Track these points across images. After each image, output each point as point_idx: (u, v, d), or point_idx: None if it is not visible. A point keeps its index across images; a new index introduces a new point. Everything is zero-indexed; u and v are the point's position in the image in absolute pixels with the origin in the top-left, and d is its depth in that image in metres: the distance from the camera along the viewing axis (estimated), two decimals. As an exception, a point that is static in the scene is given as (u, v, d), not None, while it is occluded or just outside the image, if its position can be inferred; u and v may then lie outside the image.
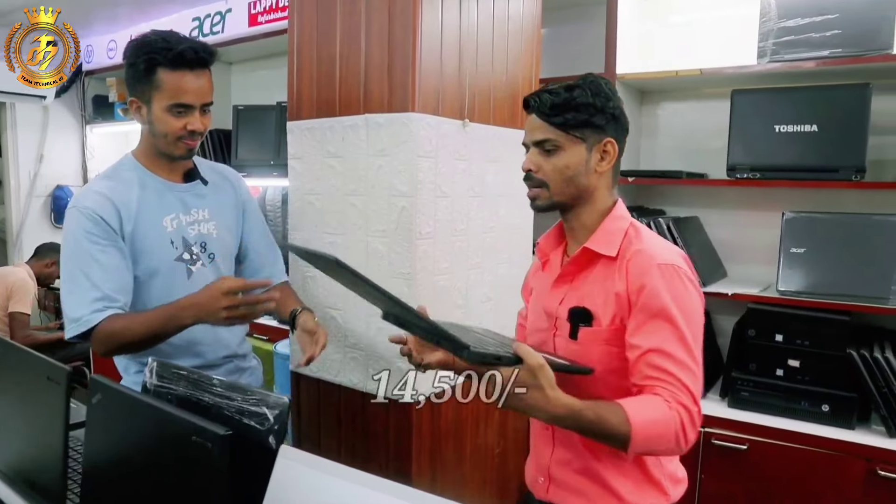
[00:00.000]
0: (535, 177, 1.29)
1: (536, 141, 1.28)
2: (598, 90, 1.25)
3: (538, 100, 1.26)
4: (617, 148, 1.28)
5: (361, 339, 1.92)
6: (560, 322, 1.32)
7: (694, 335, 1.19)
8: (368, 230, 1.86)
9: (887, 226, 2.18)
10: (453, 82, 1.90)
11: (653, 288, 1.18)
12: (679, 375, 1.15)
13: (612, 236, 1.28)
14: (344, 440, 2.01)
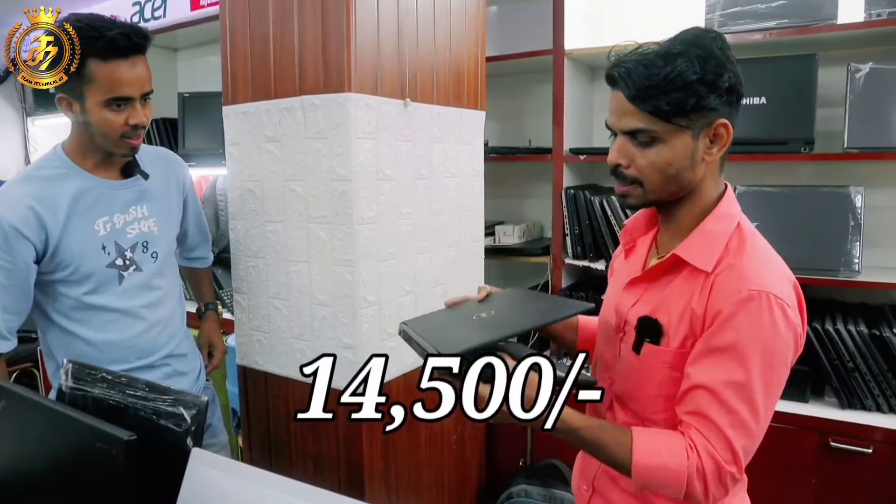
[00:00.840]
0: (626, 173, 1.04)
1: (627, 130, 1.02)
2: (708, 57, 0.97)
3: (626, 75, 0.98)
4: (731, 129, 1.03)
5: (306, 329, 1.86)
6: (628, 327, 1.12)
7: (766, 383, 0.98)
8: (309, 216, 1.80)
9: (836, 197, 2.17)
10: (392, 61, 1.83)
11: (731, 318, 0.97)
12: (722, 425, 0.97)
13: (711, 243, 1.04)
14: (293, 432, 1.96)
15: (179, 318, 1.76)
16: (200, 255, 2.02)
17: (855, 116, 2.08)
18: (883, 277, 2.14)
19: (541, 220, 2.96)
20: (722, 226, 1.07)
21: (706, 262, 1.04)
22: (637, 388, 1.11)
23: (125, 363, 1.58)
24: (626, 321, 1.14)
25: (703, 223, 1.07)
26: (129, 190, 1.59)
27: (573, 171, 2.61)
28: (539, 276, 2.65)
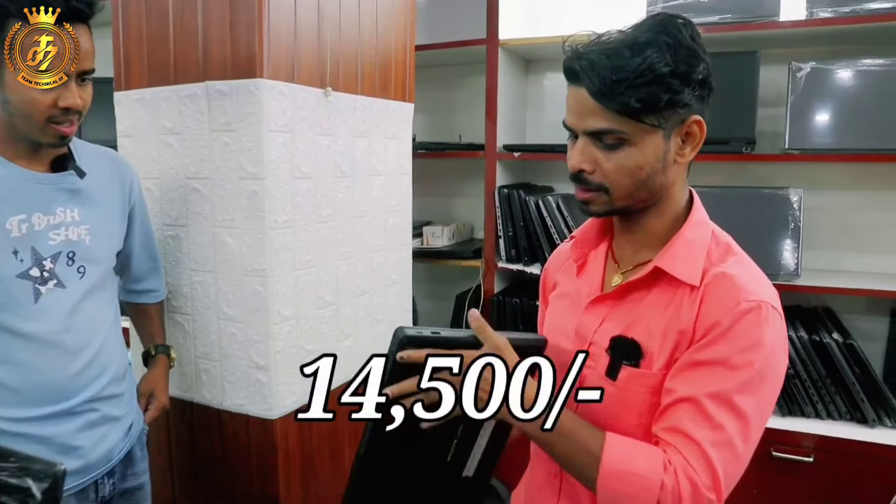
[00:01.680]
0: (591, 179, 0.92)
1: (590, 131, 0.90)
2: (679, 46, 0.85)
3: (589, 68, 0.85)
4: (705, 126, 0.92)
5: (212, 348, 1.63)
6: (595, 350, 0.99)
7: (759, 400, 0.87)
8: (215, 220, 1.57)
9: (776, 199, 2.12)
10: (311, 46, 1.63)
11: (728, 330, 0.86)
12: (705, 444, 0.84)
13: (693, 253, 0.93)
14: (199, 463, 1.73)
15: (114, 352, 1.40)
16: (149, 286, 1.60)
17: (796, 117, 2.03)
18: (821, 281, 2.10)
19: (472, 220, 2.81)
20: (700, 233, 0.96)
21: (692, 275, 0.92)
22: (612, 420, 0.95)
23: (34, 407, 1.24)
24: (591, 343, 1.00)
25: (682, 232, 0.96)
26: (56, 187, 1.27)
27: (506, 168, 2.47)
28: (470, 281, 2.50)
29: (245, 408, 1.62)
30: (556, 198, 2.25)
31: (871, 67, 1.98)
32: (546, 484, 1.08)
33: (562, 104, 0.95)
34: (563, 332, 1.05)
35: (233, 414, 1.64)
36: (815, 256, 2.26)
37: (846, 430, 1.94)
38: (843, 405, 1.97)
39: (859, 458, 1.88)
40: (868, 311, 2.30)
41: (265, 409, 1.59)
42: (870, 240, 2.27)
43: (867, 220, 2.26)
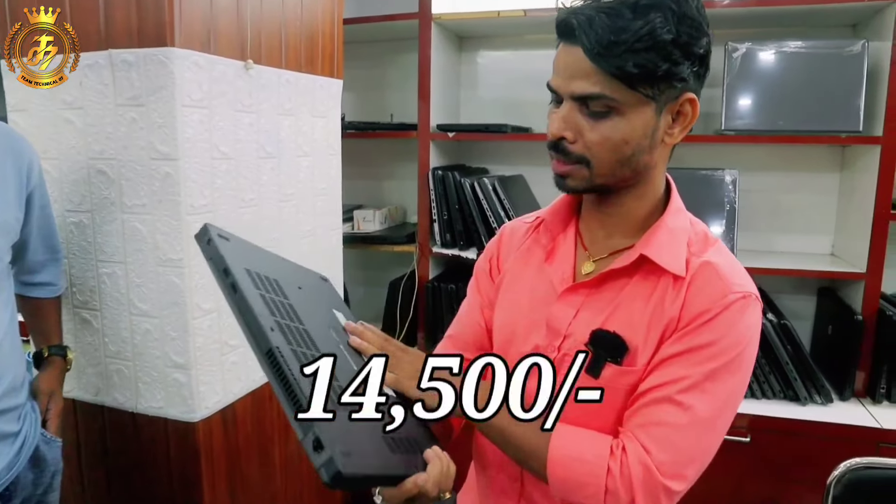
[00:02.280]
0: (571, 149, 0.84)
1: (579, 95, 0.81)
2: (684, 15, 0.78)
3: (587, 24, 0.77)
4: (698, 107, 0.85)
5: (125, 346, 1.48)
6: (570, 343, 0.92)
7: (733, 390, 0.85)
8: (123, 205, 1.42)
9: (712, 181, 2.11)
10: (229, 13, 1.49)
11: (712, 321, 0.83)
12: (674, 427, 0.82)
13: (677, 242, 0.88)
14: (113, 473, 1.58)
15: (9, 360, 1.22)
16: (46, 279, 1.42)
17: (732, 98, 2.02)
18: (755, 262, 2.11)
19: (405, 204, 2.70)
20: (680, 221, 0.91)
21: (678, 265, 0.87)
22: (593, 419, 0.89)
23: None
24: (565, 337, 0.92)
25: (664, 219, 0.90)
26: None
27: (441, 149, 2.38)
28: (404, 266, 2.41)
29: (163, 410, 1.48)
30: (493, 180, 2.17)
31: (804, 49, 1.98)
32: (508, 488, 1.01)
33: (496, 83, 0.88)
34: (531, 326, 0.97)
35: (150, 417, 1.50)
36: (749, 237, 2.28)
37: (780, 408, 1.95)
38: (778, 384, 1.99)
39: (792, 436, 1.90)
40: (796, 291, 2.34)
41: (185, 411, 1.46)
42: (799, 220, 2.30)
43: (797, 202, 2.29)
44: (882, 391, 1.98)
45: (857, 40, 1.94)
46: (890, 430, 1.84)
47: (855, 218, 2.07)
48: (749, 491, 1.95)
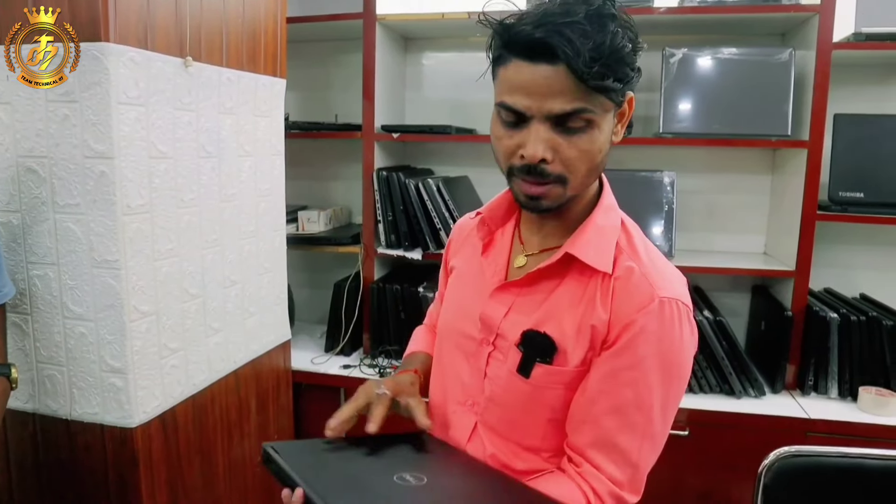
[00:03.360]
0: (551, 170, 0.82)
1: (560, 114, 0.80)
2: (625, 21, 0.81)
3: (568, 44, 0.75)
4: (634, 103, 0.88)
5: (58, 351, 1.43)
6: (502, 342, 0.93)
7: (673, 398, 0.87)
8: (56, 205, 1.37)
9: (651, 182, 2.16)
10: (167, 9, 1.45)
11: (643, 332, 0.84)
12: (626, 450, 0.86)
13: (605, 241, 0.89)
14: (46, 483, 1.52)
15: None
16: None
17: (669, 102, 2.07)
18: (692, 261, 2.18)
19: (350, 204, 2.68)
20: (611, 219, 0.92)
21: (605, 263, 0.88)
22: (524, 415, 0.92)
23: None
24: (497, 335, 0.94)
25: (593, 216, 0.91)
26: None
27: (385, 150, 2.37)
28: (350, 268, 2.39)
29: (99, 416, 1.44)
30: (437, 181, 2.18)
31: (737, 56, 2.05)
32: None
33: (441, 85, 0.88)
34: (466, 316, 0.99)
35: (85, 424, 1.45)
36: (687, 237, 2.34)
37: (716, 402, 2.02)
38: (714, 379, 2.06)
39: (728, 429, 1.97)
40: (732, 289, 2.42)
41: (122, 416, 1.42)
42: (734, 221, 2.38)
43: (731, 202, 2.38)
44: (810, 383, 2.06)
45: (784, 48, 2.03)
46: (817, 420, 1.92)
47: (785, 218, 2.16)
48: (688, 483, 2.01)
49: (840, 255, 2.31)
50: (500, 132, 0.86)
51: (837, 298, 2.20)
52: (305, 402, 2.26)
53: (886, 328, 1.97)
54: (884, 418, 1.91)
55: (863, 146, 2.05)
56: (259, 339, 1.91)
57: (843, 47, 1.95)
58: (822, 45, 1.93)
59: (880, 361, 2.00)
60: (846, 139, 2.05)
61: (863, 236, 2.28)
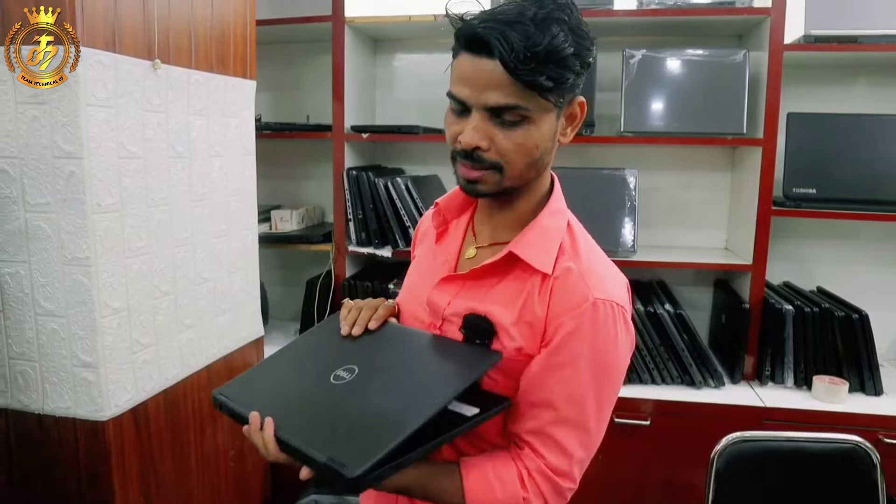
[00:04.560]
0: (486, 157, 0.87)
1: (494, 107, 0.85)
2: (577, 27, 0.84)
3: (503, 40, 0.80)
4: (585, 107, 0.93)
5: (29, 347, 1.47)
6: (448, 326, 0.98)
7: (608, 396, 0.93)
8: (26, 204, 1.40)
9: (614, 180, 2.23)
10: (135, 11, 1.49)
11: (576, 331, 0.88)
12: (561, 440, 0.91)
13: (548, 242, 0.93)
14: (18, 477, 1.55)
15: None
16: None
17: (630, 101, 2.14)
18: (654, 256, 2.25)
19: (322, 203, 2.73)
20: (556, 221, 0.96)
21: (545, 264, 0.92)
22: None
23: None
24: (444, 319, 0.99)
25: (539, 218, 0.96)
26: None
27: (355, 150, 2.42)
28: (321, 265, 2.44)
29: (71, 410, 1.47)
30: (406, 179, 2.24)
31: (693, 57, 2.13)
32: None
33: (412, 85, 0.92)
34: (417, 300, 1.05)
35: (57, 418, 1.48)
36: (649, 233, 2.42)
37: (677, 393, 2.09)
38: (675, 370, 2.13)
39: (687, 418, 2.04)
40: (696, 283, 2.50)
41: (94, 410, 1.46)
42: (695, 217, 2.46)
43: (693, 199, 2.45)
44: (767, 373, 2.14)
45: (739, 50, 2.10)
46: (773, 408, 2.00)
47: (743, 214, 2.24)
48: (650, 470, 2.08)
49: (798, 250, 2.40)
50: (448, 119, 0.93)
51: (794, 291, 2.29)
52: (279, 398, 2.30)
53: (839, 319, 2.05)
54: (836, 405, 1.99)
55: (815, 144, 2.14)
56: (232, 336, 1.95)
57: (794, 48, 2.04)
58: (773, 47, 2.02)
59: (833, 351, 2.08)
60: (799, 137, 2.13)
61: (819, 231, 2.37)
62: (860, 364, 2.06)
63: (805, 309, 2.08)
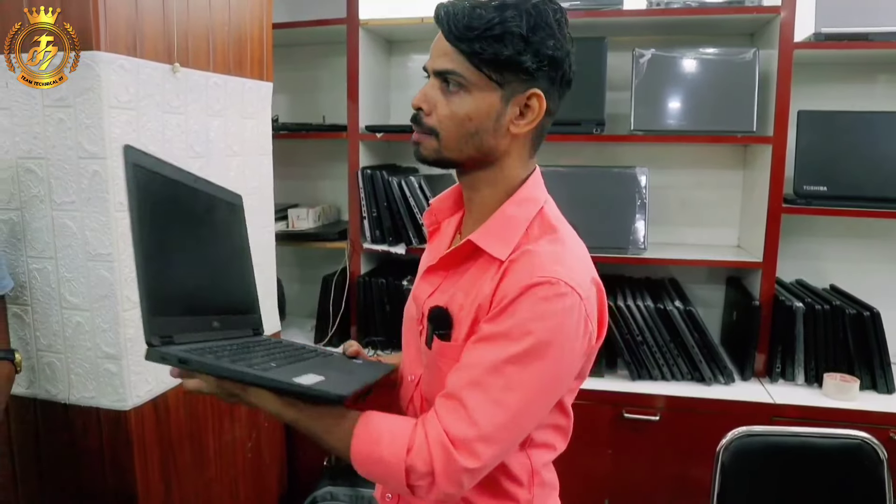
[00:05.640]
0: (425, 120, 0.95)
1: (437, 70, 0.93)
2: (541, 19, 0.88)
3: (450, 11, 0.90)
4: (545, 104, 0.92)
5: (56, 339, 1.53)
6: (425, 320, 1.02)
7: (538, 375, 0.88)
8: (53, 203, 1.47)
9: (624, 178, 2.25)
10: (155, 18, 1.55)
11: (513, 303, 0.87)
12: (472, 409, 0.87)
13: (510, 229, 0.95)
14: (46, 464, 1.62)
15: None
16: None
17: (640, 100, 2.16)
18: (665, 253, 2.27)
19: (337, 202, 2.78)
20: (523, 210, 0.97)
21: (502, 250, 0.94)
22: (436, 387, 0.97)
23: None
24: (423, 313, 1.02)
25: (504, 206, 0.97)
26: None
27: (370, 149, 2.47)
28: (337, 263, 2.49)
29: (95, 400, 1.54)
30: (419, 178, 2.28)
31: (703, 56, 2.15)
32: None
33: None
34: (412, 298, 1.10)
35: (82, 408, 1.55)
36: (660, 231, 2.43)
37: (687, 389, 2.11)
38: (685, 367, 2.14)
39: (697, 414, 2.06)
40: (708, 281, 2.51)
41: (117, 400, 1.52)
42: (707, 215, 2.47)
43: (704, 197, 2.46)
44: (777, 370, 2.15)
45: (749, 48, 2.12)
46: (782, 405, 2.01)
47: (754, 212, 2.25)
48: (659, 465, 2.10)
49: (810, 248, 2.41)
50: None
51: (806, 289, 2.29)
52: (296, 392, 2.35)
53: (850, 317, 2.05)
54: (847, 403, 2.00)
55: (826, 141, 2.14)
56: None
57: (804, 47, 2.05)
58: (783, 45, 2.03)
59: (844, 349, 2.08)
60: (810, 135, 2.13)
61: (831, 229, 2.37)
62: (872, 362, 2.06)
63: (816, 306, 2.09)
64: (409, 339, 1.11)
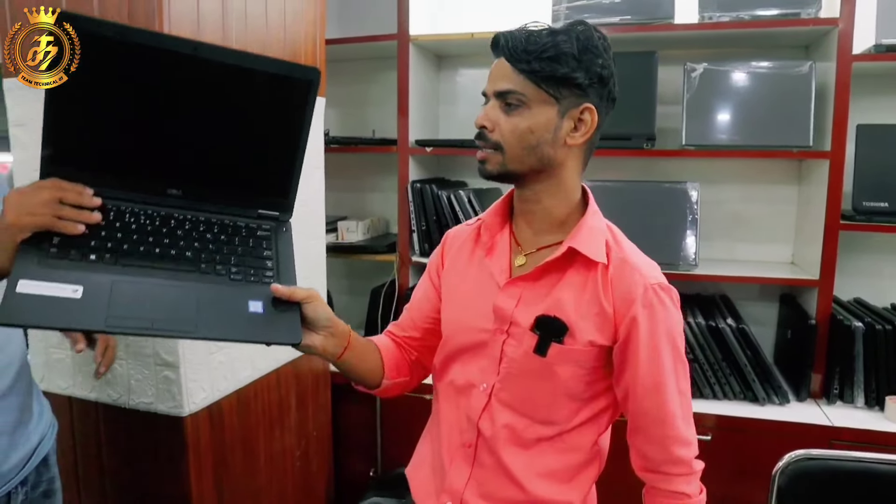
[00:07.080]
0: (489, 136, 1.03)
1: (498, 91, 1.02)
2: (589, 42, 1.00)
3: (509, 39, 1.00)
4: (597, 118, 1.03)
5: (119, 345, 1.58)
6: (516, 329, 1.08)
7: (682, 370, 1.07)
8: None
9: (675, 193, 2.22)
10: (216, 37, 1.60)
11: (648, 319, 1.03)
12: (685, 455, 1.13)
13: (597, 238, 1.06)
14: (106, 464, 1.68)
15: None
16: None
17: (691, 114, 2.14)
18: (717, 270, 2.23)
19: (387, 215, 2.82)
20: (598, 222, 1.09)
21: (602, 256, 1.05)
22: (537, 390, 1.09)
23: None
24: (511, 323, 1.08)
25: (585, 219, 1.07)
26: None
27: (419, 163, 2.50)
28: (386, 275, 2.52)
29: (153, 406, 1.59)
30: (468, 192, 2.29)
31: (756, 70, 2.11)
32: (458, 454, 1.15)
33: (475, 100, 1.04)
34: (478, 312, 1.12)
35: (141, 413, 1.60)
36: (711, 247, 2.40)
37: (740, 408, 2.06)
38: (738, 386, 2.10)
39: (750, 434, 2.01)
40: (760, 298, 2.46)
41: (174, 406, 1.56)
42: (760, 231, 2.42)
43: (758, 212, 2.42)
44: (835, 392, 2.09)
45: (805, 61, 2.08)
46: (841, 428, 1.95)
47: (810, 228, 2.19)
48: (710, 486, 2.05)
49: (870, 265, 2.33)
50: None
51: (865, 308, 2.22)
52: (343, 403, 2.38)
53: (913, 337, 1.98)
54: (911, 427, 1.93)
55: (886, 156, 2.08)
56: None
57: (863, 59, 2.00)
58: (842, 57, 1.98)
59: (907, 370, 2.01)
60: (869, 149, 2.08)
61: (891, 246, 2.29)
62: (936, 384, 1.99)
63: (876, 326, 2.02)
64: (476, 350, 1.13)
